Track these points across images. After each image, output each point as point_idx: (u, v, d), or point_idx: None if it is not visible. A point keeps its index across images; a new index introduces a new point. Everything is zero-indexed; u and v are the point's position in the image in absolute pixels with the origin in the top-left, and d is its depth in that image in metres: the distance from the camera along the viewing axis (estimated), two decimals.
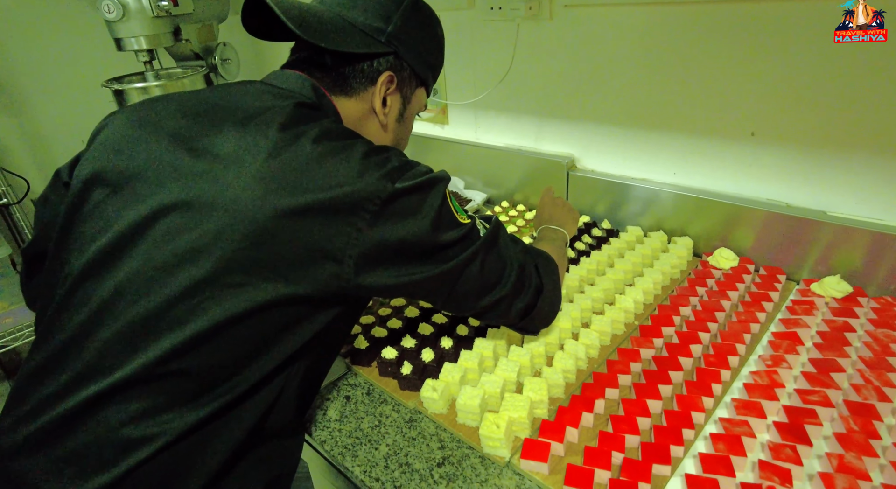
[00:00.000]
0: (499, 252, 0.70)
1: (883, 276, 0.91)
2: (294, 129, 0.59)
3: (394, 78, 0.72)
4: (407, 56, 0.72)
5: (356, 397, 0.83)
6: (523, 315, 0.76)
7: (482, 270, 0.67)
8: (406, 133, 0.82)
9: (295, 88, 0.67)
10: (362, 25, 0.68)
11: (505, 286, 0.70)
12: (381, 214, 0.58)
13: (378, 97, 0.71)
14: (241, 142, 0.58)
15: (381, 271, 0.60)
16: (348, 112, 0.70)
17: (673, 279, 1.03)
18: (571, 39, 1.15)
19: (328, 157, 0.57)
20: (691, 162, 1.10)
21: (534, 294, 0.75)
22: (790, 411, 0.69)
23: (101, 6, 1.35)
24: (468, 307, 0.71)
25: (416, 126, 1.60)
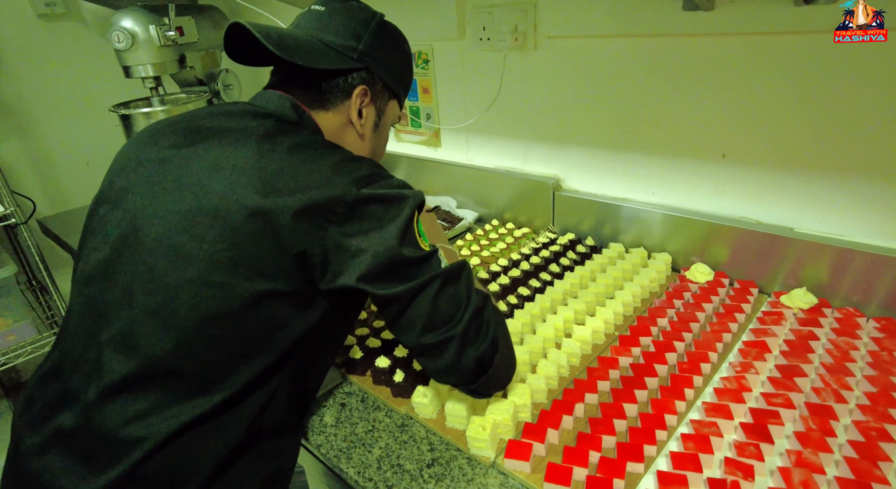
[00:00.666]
0: (458, 287, 0.68)
1: (846, 289, 0.97)
2: (272, 140, 0.65)
3: (367, 91, 0.77)
4: (378, 71, 0.77)
5: (351, 404, 0.88)
6: (478, 370, 0.68)
7: (435, 301, 0.65)
8: (382, 143, 0.87)
9: (276, 107, 0.73)
10: (335, 45, 0.74)
11: (456, 326, 0.66)
12: (348, 217, 0.61)
13: (354, 109, 0.76)
14: (223, 154, 0.64)
15: (342, 273, 0.62)
16: (327, 125, 0.76)
17: (652, 292, 1.09)
18: (555, 68, 1.23)
19: (302, 164, 0.62)
20: (669, 182, 1.16)
21: (490, 346, 0.68)
22: (755, 413, 0.74)
23: (111, 36, 1.43)
24: (412, 338, 0.67)
25: (410, 148, 1.68)
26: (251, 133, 0.66)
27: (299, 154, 0.64)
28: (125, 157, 0.71)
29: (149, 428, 0.58)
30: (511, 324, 0.95)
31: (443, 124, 1.55)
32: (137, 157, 0.69)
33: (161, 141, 0.69)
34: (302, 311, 0.65)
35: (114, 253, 0.64)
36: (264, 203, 0.59)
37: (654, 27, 1.03)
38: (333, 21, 0.75)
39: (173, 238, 0.61)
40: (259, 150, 0.63)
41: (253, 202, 0.59)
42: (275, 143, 0.64)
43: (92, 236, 0.68)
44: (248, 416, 0.64)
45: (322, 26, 0.75)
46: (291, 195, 0.60)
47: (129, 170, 0.69)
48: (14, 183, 1.71)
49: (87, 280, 0.65)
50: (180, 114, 0.75)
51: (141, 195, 0.65)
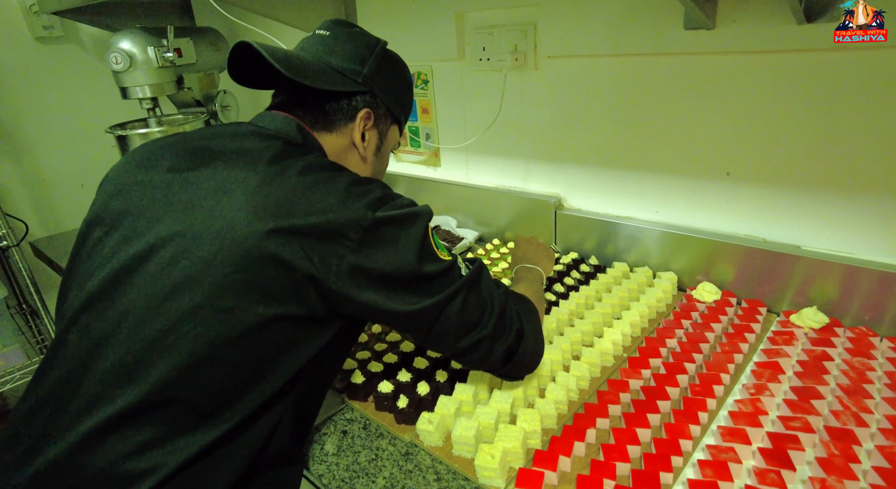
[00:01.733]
0: (480, 293, 0.71)
1: (857, 307, 0.95)
2: (281, 163, 0.64)
3: (371, 114, 0.78)
4: (381, 95, 0.78)
5: (353, 431, 0.84)
6: (506, 359, 0.75)
7: (463, 310, 0.68)
8: (383, 167, 0.88)
9: (281, 128, 0.72)
10: (340, 68, 0.74)
11: (485, 327, 0.71)
12: (364, 242, 0.61)
13: (357, 132, 0.77)
14: (231, 176, 0.62)
15: (363, 296, 0.62)
16: (331, 146, 0.76)
17: (659, 312, 1.07)
18: (556, 87, 1.23)
19: (313, 187, 0.61)
20: (672, 200, 1.15)
21: (515, 338, 0.75)
22: (774, 437, 0.71)
23: (109, 57, 1.43)
24: (447, 346, 0.71)
25: (409, 168, 1.67)
26: (259, 155, 0.65)
27: (309, 177, 0.63)
28: (121, 179, 0.69)
29: (152, 461, 0.55)
30: None
31: (442, 144, 1.54)
32: (136, 179, 0.67)
33: (161, 162, 0.67)
34: (314, 335, 0.64)
35: (112, 278, 0.61)
36: (276, 226, 0.58)
37: (655, 46, 1.03)
38: (338, 46, 0.76)
39: (179, 263, 0.58)
40: (268, 172, 0.62)
41: (264, 226, 0.58)
42: (284, 167, 0.63)
43: (86, 261, 0.65)
44: (252, 446, 0.61)
45: (327, 50, 0.76)
46: (304, 219, 0.59)
47: (127, 192, 0.66)
48: (7, 205, 1.68)
49: (81, 307, 0.61)
50: (178, 133, 0.74)
51: (143, 218, 0.62)
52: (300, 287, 0.60)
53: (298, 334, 0.62)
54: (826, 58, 0.88)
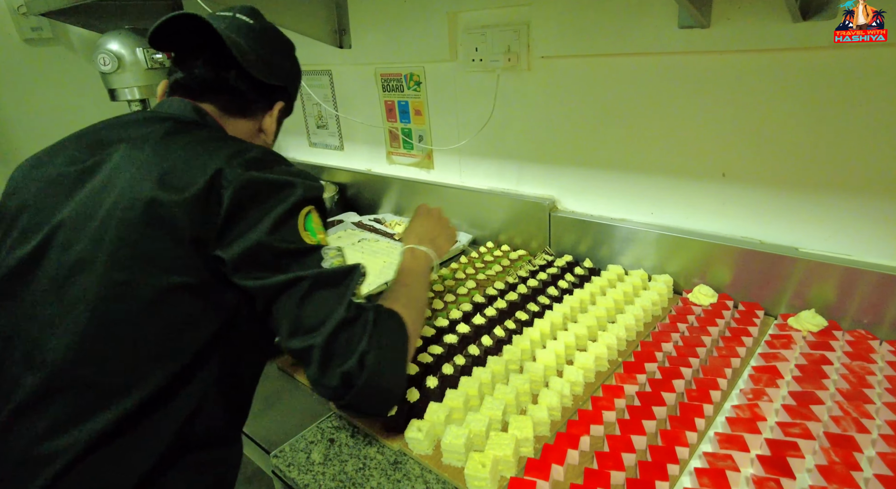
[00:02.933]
0: (332, 292, 0.64)
1: (855, 310, 0.93)
2: (170, 139, 0.67)
3: (283, 107, 0.85)
4: (291, 91, 0.87)
5: (340, 439, 0.82)
6: (343, 386, 0.64)
7: (302, 303, 0.63)
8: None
9: (176, 111, 0.75)
10: (272, 62, 0.80)
11: (319, 336, 0.62)
12: (236, 201, 0.62)
13: (269, 119, 0.83)
14: (121, 159, 0.65)
15: (229, 249, 0.62)
16: (239, 130, 0.79)
17: (654, 316, 1.05)
18: (549, 88, 1.21)
19: (197, 157, 0.64)
20: (667, 202, 1.14)
21: (357, 364, 0.63)
22: (773, 444, 0.69)
23: (97, 59, 1.41)
24: (282, 339, 0.66)
25: (402, 171, 1.66)
26: (149, 136, 0.68)
27: (196, 148, 0.65)
28: (18, 179, 0.71)
29: (62, 442, 0.56)
30: (510, 350, 0.91)
31: (435, 146, 1.52)
32: (32, 177, 0.69)
33: (57, 158, 0.69)
34: (213, 305, 0.64)
35: (14, 273, 0.63)
36: (158, 196, 0.60)
37: (649, 46, 1.02)
38: (267, 39, 0.81)
39: (74, 247, 0.60)
40: (155, 149, 0.65)
41: (147, 196, 0.60)
42: (172, 142, 0.66)
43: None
44: (172, 425, 0.61)
45: (258, 42, 0.79)
46: (186, 185, 0.61)
47: (23, 190, 0.68)
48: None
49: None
50: (84, 128, 0.75)
51: (40, 212, 0.65)
52: (187, 254, 0.61)
53: (195, 305, 0.62)
54: (823, 56, 0.86)
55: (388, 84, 1.55)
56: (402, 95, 1.53)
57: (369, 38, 1.52)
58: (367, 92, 1.62)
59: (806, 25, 0.84)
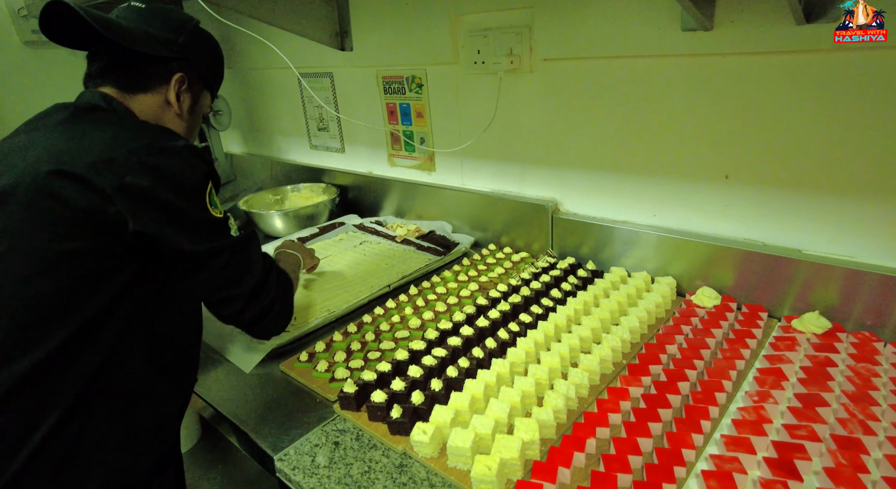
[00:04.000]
0: (247, 256, 0.83)
1: (859, 312, 0.93)
2: (67, 124, 0.74)
3: (185, 79, 0.87)
4: (195, 63, 0.89)
5: (345, 443, 0.82)
6: (253, 321, 0.89)
7: (226, 267, 0.79)
8: (196, 125, 0.97)
9: (84, 100, 0.80)
10: (157, 36, 0.84)
11: (244, 286, 0.83)
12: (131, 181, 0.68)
13: (173, 92, 0.86)
14: (28, 142, 0.72)
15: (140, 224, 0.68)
16: (146, 104, 0.84)
17: (658, 318, 1.05)
18: (552, 90, 1.22)
19: (90, 135, 0.71)
20: (670, 204, 1.14)
21: (268, 304, 0.88)
22: (779, 446, 0.69)
23: None
24: (205, 295, 0.83)
25: (404, 173, 1.65)
26: (54, 120, 0.75)
27: (89, 127, 0.73)
28: None
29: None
30: (514, 353, 0.91)
31: (437, 148, 1.52)
32: None
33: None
34: (114, 267, 0.69)
35: None
36: (54, 169, 0.66)
37: (652, 48, 1.02)
38: (155, 18, 0.85)
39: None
40: (56, 131, 0.72)
41: (44, 170, 0.66)
42: (71, 125, 0.74)
43: None
44: (83, 373, 0.68)
45: (144, 20, 0.84)
46: (76, 160, 0.67)
47: None
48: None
49: None
50: None
51: None
52: (81, 222, 0.67)
53: (96, 266, 0.68)
54: (826, 58, 0.87)
55: (389, 86, 1.56)
56: (404, 98, 1.53)
57: (371, 40, 1.52)
58: (369, 94, 1.62)
59: (809, 28, 0.84)
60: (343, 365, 0.97)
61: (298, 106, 1.92)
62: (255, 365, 1.02)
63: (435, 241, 1.48)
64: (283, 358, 1.03)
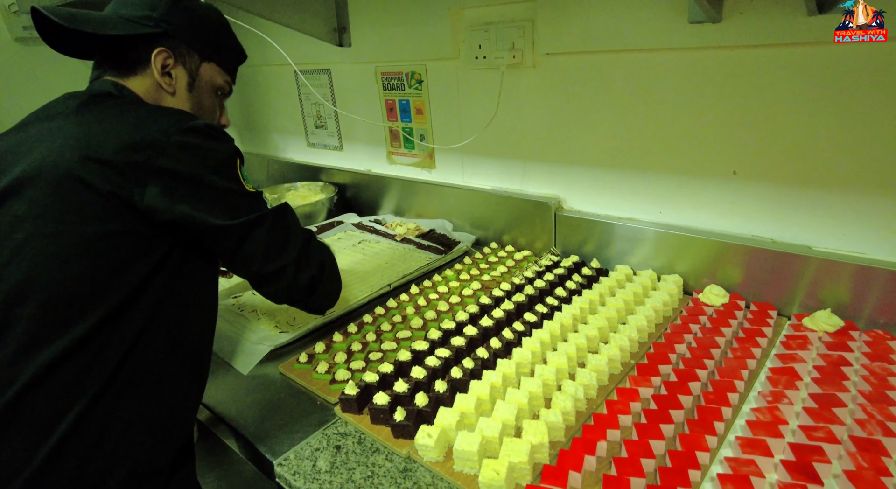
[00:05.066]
0: (286, 222, 0.82)
1: (871, 309, 0.92)
2: (85, 109, 0.73)
3: (169, 53, 0.82)
4: (178, 33, 0.82)
5: (347, 446, 0.79)
6: (309, 289, 0.85)
7: (270, 234, 0.78)
8: (206, 104, 0.91)
9: (96, 88, 0.79)
10: (130, 16, 0.80)
11: (290, 254, 0.81)
12: (161, 163, 0.68)
13: (155, 70, 0.81)
14: (42, 131, 0.72)
15: (175, 210, 0.69)
16: (143, 90, 0.81)
17: (665, 317, 1.03)
18: (555, 85, 1.19)
19: (113, 120, 0.71)
20: (676, 201, 1.12)
21: (318, 269, 0.85)
22: (796, 449, 0.67)
23: None
24: (255, 270, 0.80)
25: (403, 170, 1.62)
26: (67, 109, 0.74)
27: (110, 113, 0.72)
28: None
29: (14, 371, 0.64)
30: (519, 353, 0.89)
31: (437, 145, 1.50)
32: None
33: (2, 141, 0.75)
34: (142, 250, 0.70)
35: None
36: (80, 155, 0.66)
37: (657, 41, 1.00)
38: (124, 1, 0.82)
39: (13, 206, 0.67)
40: (72, 119, 0.72)
41: (70, 157, 0.66)
42: (87, 111, 0.73)
43: None
44: (110, 359, 0.67)
45: (119, 4, 0.82)
46: (102, 145, 0.67)
47: None
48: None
49: None
50: None
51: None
52: (109, 205, 0.67)
53: (126, 249, 0.68)
54: (838, 51, 0.85)
55: (388, 83, 1.53)
56: (403, 94, 1.51)
57: (370, 36, 1.50)
58: (367, 91, 1.59)
59: (821, 19, 0.82)
60: (344, 366, 0.94)
61: (296, 103, 1.89)
62: (254, 366, 0.99)
63: (435, 239, 1.46)
64: (281, 359, 1.01)
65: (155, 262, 0.71)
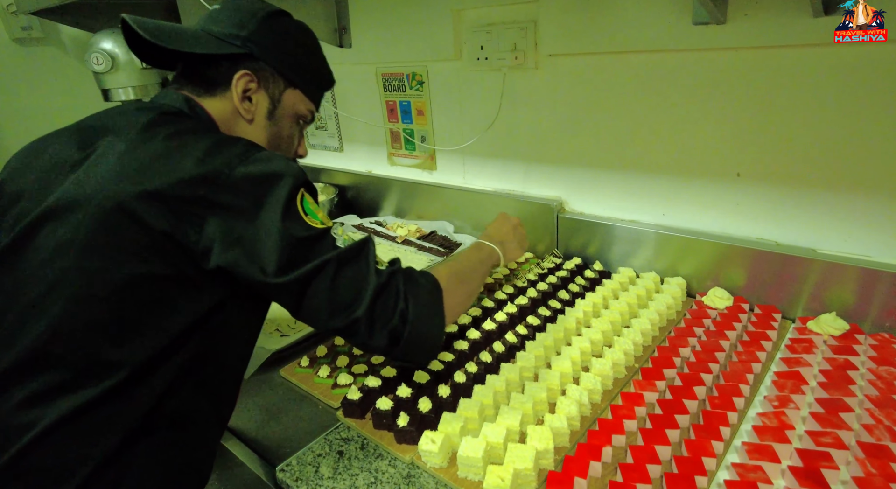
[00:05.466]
0: (357, 268, 0.68)
1: (876, 312, 0.91)
2: (152, 130, 0.66)
3: (252, 76, 0.76)
4: (265, 56, 0.76)
5: (350, 452, 0.78)
6: (391, 343, 0.70)
7: (333, 285, 0.65)
8: (285, 134, 0.83)
9: (166, 101, 0.73)
10: (218, 33, 0.75)
11: (359, 308, 0.66)
12: (224, 198, 0.61)
13: (236, 93, 0.75)
14: (106, 147, 0.65)
15: (225, 258, 0.61)
16: (218, 112, 0.75)
17: (669, 320, 1.02)
18: (557, 87, 1.19)
19: (175, 150, 0.64)
20: (679, 203, 1.11)
21: (399, 320, 0.69)
22: (804, 454, 0.66)
23: (89, 58, 1.36)
24: (321, 325, 0.69)
25: (404, 172, 1.62)
26: (133, 126, 0.67)
27: (173, 141, 0.65)
28: (14, 166, 0.72)
29: (34, 414, 0.58)
30: (523, 357, 0.88)
31: (438, 146, 1.49)
32: (28, 164, 0.70)
33: (52, 146, 0.70)
34: (191, 296, 0.64)
35: (8, 251, 0.64)
36: (135, 189, 0.60)
37: (661, 43, 0.99)
38: (222, 15, 0.77)
39: (57, 231, 0.61)
40: (136, 140, 0.65)
41: (124, 188, 0.60)
42: (153, 134, 0.65)
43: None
44: (143, 406, 0.62)
45: (212, 20, 0.77)
46: (161, 180, 0.61)
47: (18, 175, 0.69)
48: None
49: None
50: (81, 119, 0.75)
51: (32, 199, 0.66)
52: (160, 245, 0.61)
53: (170, 293, 0.62)
54: (844, 52, 0.84)
55: (389, 84, 1.52)
56: (404, 95, 1.50)
57: (370, 36, 1.49)
58: (368, 92, 1.58)
59: (827, 20, 0.81)
60: (346, 370, 0.93)
61: None
62: (255, 371, 0.98)
63: (436, 241, 1.45)
64: (282, 363, 1.00)
65: (201, 312, 0.64)
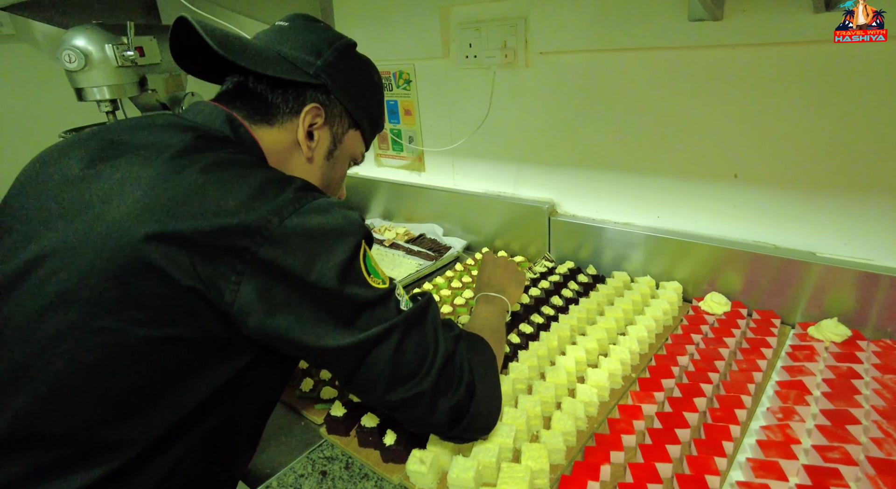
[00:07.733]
0: (423, 335, 0.60)
1: (878, 318, 0.88)
2: (186, 158, 0.55)
3: (321, 111, 0.69)
4: (337, 92, 0.70)
5: (333, 472, 0.74)
6: (453, 420, 0.62)
7: (397, 354, 0.57)
8: (337, 176, 0.77)
9: (205, 120, 0.64)
10: (291, 56, 0.67)
11: (425, 379, 0.58)
12: (267, 254, 0.51)
13: (303, 128, 0.68)
14: (129, 173, 0.54)
15: (269, 322, 0.52)
16: (271, 143, 0.67)
17: (666, 326, 0.99)
18: (549, 86, 1.15)
19: (214, 186, 0.52)
20: (674, 205, 1.08)
21: (466, 394, 0.61)
22: (812, 471, 0.63)
23: (61, 56, 1.30)
24: (377, 398, 0.59)
25: (391, 173, 1.57)
26: (164, 149, 0.56)
27: (213, 174, 0.53)
28: (27, 175, 0.61)
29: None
30: (516, 368, 0.84)
31: (427, 147, 1.45)
32: (39, 176, 0.59)
33: (69, 157, 0.59)
34: (217, 361, 0.55)
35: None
36: (157, 230, 0.49)
37: (656, 40, 0.96)
38: (294, 35, 0.69)
39: (57, 275, 0.50)
40: (167, 168, 0.53)
41: (148, 229, 0.49)
42: (187, 162, 0.54)
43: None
44: (151, 482, 0.54)
45: (281, 39, 0.69)
46: (193, 222, 0.50)
47: (28, 191, 0.59)
48: None
49: None
50: (102, 125, 0.64)
51: (33, 224, 0.55)
52: (186, 304, 0.51)
53: (194, 360, 0.53)
54: (845, 50, 0.81)
55: None
56: (391, 94, 1.45)
57: (356, 34, 1.42)
58: None
59: (828, 16, 0.78)
60: (330, 384, 0.89)
61: None
62: None
63: (425, 244, 1.41)
64: None
65: (229, 376, 0.56)
